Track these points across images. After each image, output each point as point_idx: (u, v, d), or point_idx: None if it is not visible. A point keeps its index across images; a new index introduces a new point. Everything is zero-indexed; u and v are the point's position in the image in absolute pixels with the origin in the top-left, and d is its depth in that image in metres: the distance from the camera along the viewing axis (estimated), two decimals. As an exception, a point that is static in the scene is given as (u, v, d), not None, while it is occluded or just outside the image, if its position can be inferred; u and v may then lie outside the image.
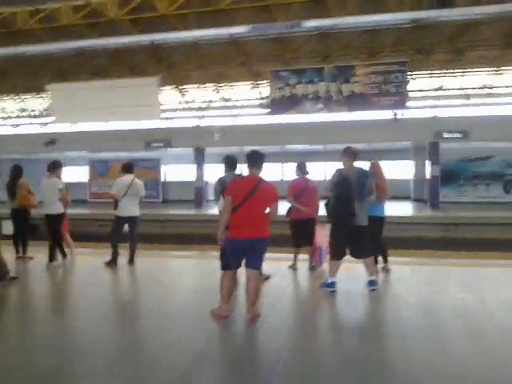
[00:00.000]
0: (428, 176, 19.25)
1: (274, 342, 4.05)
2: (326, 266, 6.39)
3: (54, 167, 7.67)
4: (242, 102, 23.29)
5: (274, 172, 24.05)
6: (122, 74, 20.56)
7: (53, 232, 7.49)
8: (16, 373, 3.39)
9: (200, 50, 18.86)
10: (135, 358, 3.71)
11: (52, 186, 7.48)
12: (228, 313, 4.64)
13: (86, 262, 7.73)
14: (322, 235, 6.69)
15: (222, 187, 5.40)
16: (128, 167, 7.69)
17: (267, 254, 4.78)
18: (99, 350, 3.88)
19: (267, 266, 6.20)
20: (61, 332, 4.45)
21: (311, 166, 7.05)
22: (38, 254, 7.89)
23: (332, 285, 5.55)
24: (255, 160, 4.66)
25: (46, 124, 24.34)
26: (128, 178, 7.51)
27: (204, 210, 19.43)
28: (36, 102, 25.02)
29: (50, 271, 7.26)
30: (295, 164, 7.06)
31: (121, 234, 7.51)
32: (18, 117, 26.25)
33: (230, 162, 5.85)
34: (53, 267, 7.36)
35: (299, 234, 6.85)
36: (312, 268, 6.88)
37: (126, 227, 7.50)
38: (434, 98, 23.75)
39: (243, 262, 4.61)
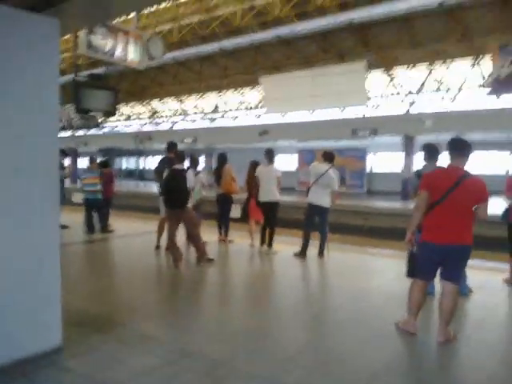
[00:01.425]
0: None
1: (472, 375, 3.25)
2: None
3: (273, 156, 7.86)
4: (458, 84, 20.77)
5: (499, 163, 21.10)
6: (330, 61, 20.52)
7: (271, 219, 7.66)
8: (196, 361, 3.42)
9: (413, 28, 17.45)
10: (305, 362, 3.38)
11: (270, 173, 7.68)
12: (416, 329, 3.94)
13: (283, 250, 7.72)
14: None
15: (419, 180, 4.64)
16: (327, 156, 7.43)
17: (472, 262, 3.91)
18: (280, 349, 3.69)
19: (472, 277, 5.23)
20: (241, 316, 4.43)
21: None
22: (240, 238, 8.35)
23: None
24: (459, 149, 3.79)
25: (260, 116, 26.08)
26: (324, 166, 7.26)
27: (411, 204, 18.14)
28: (252, 95, 27.03)
29: (247, 255, 7.54)
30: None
31: (312, 223, 7.33)
32: (237, 109, 28.82)
33: (430, 151, 5.03)
34: (271, 253, 7.54)
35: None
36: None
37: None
38: None
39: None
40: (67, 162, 12.70)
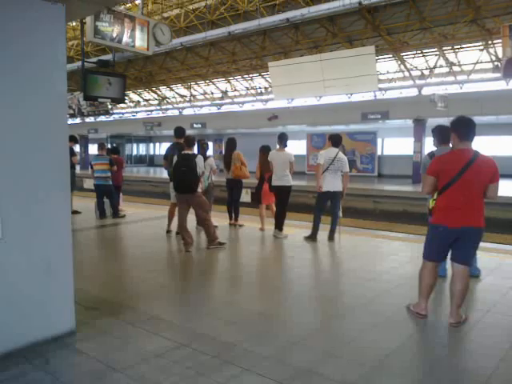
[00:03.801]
0: None
1: (483, 356, 3.24)
2: None
3: (286, 140, 7.73)
4: (470, 66, 20.37)
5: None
6: (339, 45, 20.25)
7: (282, 203, 7.64)
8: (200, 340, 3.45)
9: (423, 11, 17.11)
10: (316, 344, 3.39)
11: (283, 157, 7.60)
12: (427, 311, 3.93)
13: (293, 234, 7.73)
14: None
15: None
16: (334, 139, 7.36)
17: (484, 244, 3.86)
18: (291, 332, 3.71)
19: (483, 260, 5.19)
20: (244, 300, 4.46)
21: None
22: (251, 222, 8.39)
23: None
24: (467, 130, 3.69)
25: (268, 101, 25.92)
26: (333, 150, 7.21)
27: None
28: (260, 80, 26.85)
29: (257, 239, 7.54)
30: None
31: (323, 207, 7.33)
32: (246, 95, 28.67)
33: (441, 134, 4.93)
34: (281, 237, 7.53)
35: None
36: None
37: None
38: None
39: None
40: (77, 148, 12.75)
